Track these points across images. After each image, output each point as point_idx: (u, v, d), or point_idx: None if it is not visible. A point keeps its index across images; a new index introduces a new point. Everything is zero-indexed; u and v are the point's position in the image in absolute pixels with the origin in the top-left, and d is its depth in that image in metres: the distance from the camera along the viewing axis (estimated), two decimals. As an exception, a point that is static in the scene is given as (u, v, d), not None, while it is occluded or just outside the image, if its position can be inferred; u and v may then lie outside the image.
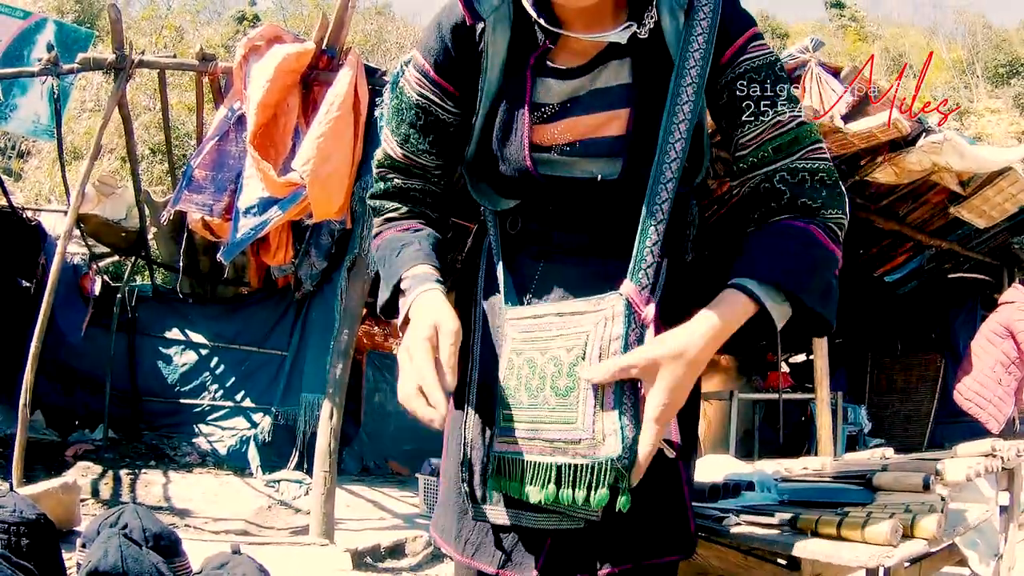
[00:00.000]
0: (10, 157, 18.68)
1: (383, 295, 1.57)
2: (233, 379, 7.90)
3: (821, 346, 6.29)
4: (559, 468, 1.29)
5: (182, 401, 7.94)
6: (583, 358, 1.29)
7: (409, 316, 1.44)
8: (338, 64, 5.11)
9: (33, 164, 18.59)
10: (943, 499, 2.02)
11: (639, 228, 1.39)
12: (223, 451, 7.35)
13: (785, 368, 10.90)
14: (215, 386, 7.91)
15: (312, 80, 5.32)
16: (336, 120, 4.61)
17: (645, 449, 1.23)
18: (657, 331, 1.38)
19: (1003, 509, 2.75)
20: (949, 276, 8.73)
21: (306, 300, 7.46)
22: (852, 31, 41.93)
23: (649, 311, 1.33)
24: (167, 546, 2.05)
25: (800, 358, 11.80)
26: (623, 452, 1.23)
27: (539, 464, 1.33)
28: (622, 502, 1.25)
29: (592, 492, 1.26)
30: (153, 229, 8.09)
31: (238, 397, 7.84)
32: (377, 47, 26.02)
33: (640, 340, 1.31)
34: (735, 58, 1.45)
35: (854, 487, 2.25)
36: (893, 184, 6.66)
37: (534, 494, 1.33)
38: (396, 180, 1.65)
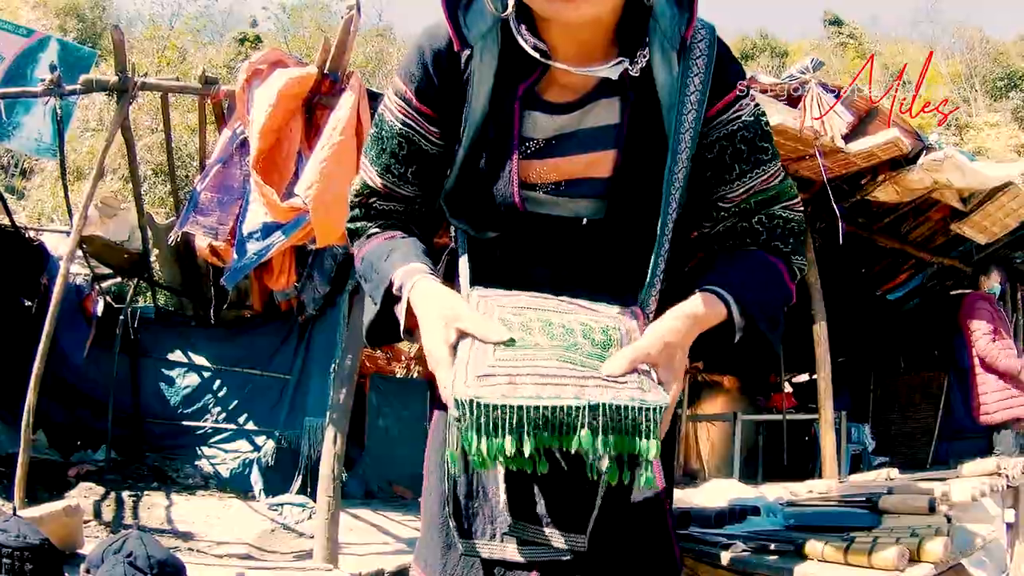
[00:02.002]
0: (13, 175, 18.71)
1: (369, 311, 1.54)
2: (236, 402, 7.89)
3: (824, 365, 6.27)
4: (594, 408, 1.11)
5: (185, 423, 7.93)
6: (611, 328, 1.27)
7: (413, 312, 1.38)
8: (340, 88, 5.11)
9: (36, 182, 18.64)
10: (949, 520, 2.02)
11: (647, 281, 1.41)
12: (226, 474, 7.33)
13: (788, 389, 10.89)
14: (218, 408, 7.90)
15: (315, 104, 5.32)
16: (339, 144, 4.61)
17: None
18: None
19: (1009, 526, 2.75)
20: (951, 293, 8.72)
21: (309, 324, 7.47)
22: (851, 48, 42.04)
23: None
24: (171, 574, 2.04)
25: (803, 378, 11.78)
26: (665, 405, 1.15)
27: (560, 408, 1.12)
28: (647, 478, 1.16)
29: (639, 439, 1.12)
30: (156, 251, 8.11)
31: (241, 420, 7.82)
32: (378, 69, 26.10)
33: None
34: (727, 109, 1.46)
35: (860, 511, 2.24)
36: (895, 202, 6.67)
37: (542, 441, 1.12)
38: (376, 206, 1.61)
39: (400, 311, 1.43)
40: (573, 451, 1.12)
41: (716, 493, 2.67)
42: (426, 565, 1.64)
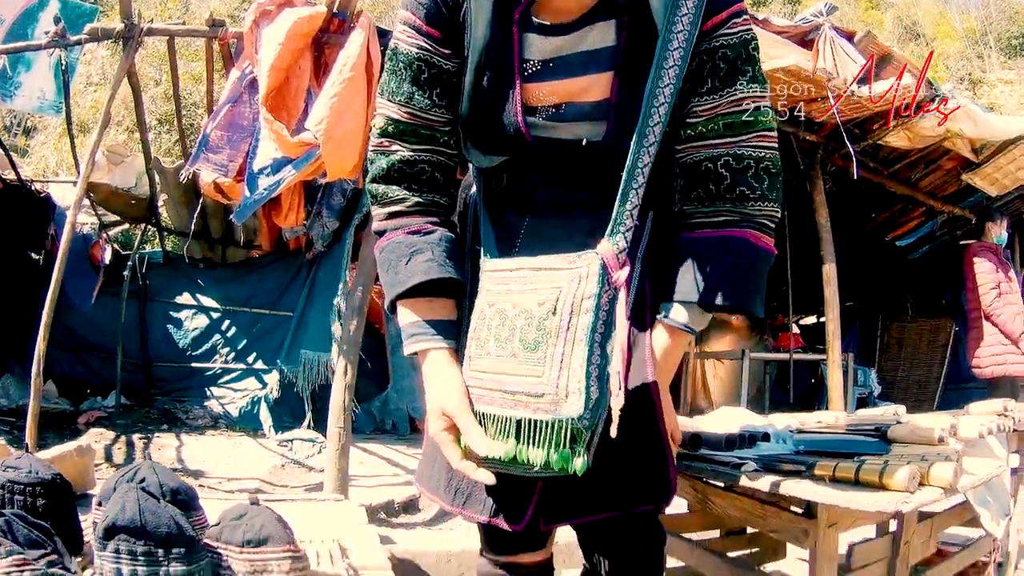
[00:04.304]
0: (15, 134, 18.52)
1: (389, 297, 1.56)
2: (244, 341, 7.90)
3: (832, 306, 6.29)
4: (519, 422, 1.31)
5: (193, 365, 7.95)
6: (553, 313, 1.29)
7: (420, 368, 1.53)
8: (349, 27, 5.06)
9: (39, 140, 18.49)
10: (957, 452, 2.03)
11: (619, 191, 1.40)
12: (235, 413, 7.36)
13: (796, 330, 10.92)
14: (227, 349, 7.92)
15: (324, 43, 5.28)
16: (349, 81, 4.59)
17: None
18: (635, 289, 1.50)
19: (1014, 471, 2.76)
20: (961, 243, 8.70)
21: (316, 260, 7.46)
22: (865, -1, 41.45)
23: (622, 274, 1.34)
24: (184, 500, 2.05)
25: (811, 320, 11.81)
26: (585, 412, 1.25)
27: (499, 417, 1.34)
28: (579, 465, 1.28)
29: (552, 451, 1.28)
30: (163, 196, 8.09)
31: (250, 359, 7.84)
32: (386, 13, 25.75)
33: (612, 302, 1.33)
34: (716, 29, 1.46)
35: (869, 439, 2.26)
36: (906, 149, 6.63)
37: (496, 448, 1.33)
38: (401, 152, 1.57)
39: (407, 349, 1.54)
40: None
41: (725, 419, 2.69)
42: (430, 482, 1.67)
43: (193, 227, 7.18)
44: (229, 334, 7.99)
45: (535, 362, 1.29)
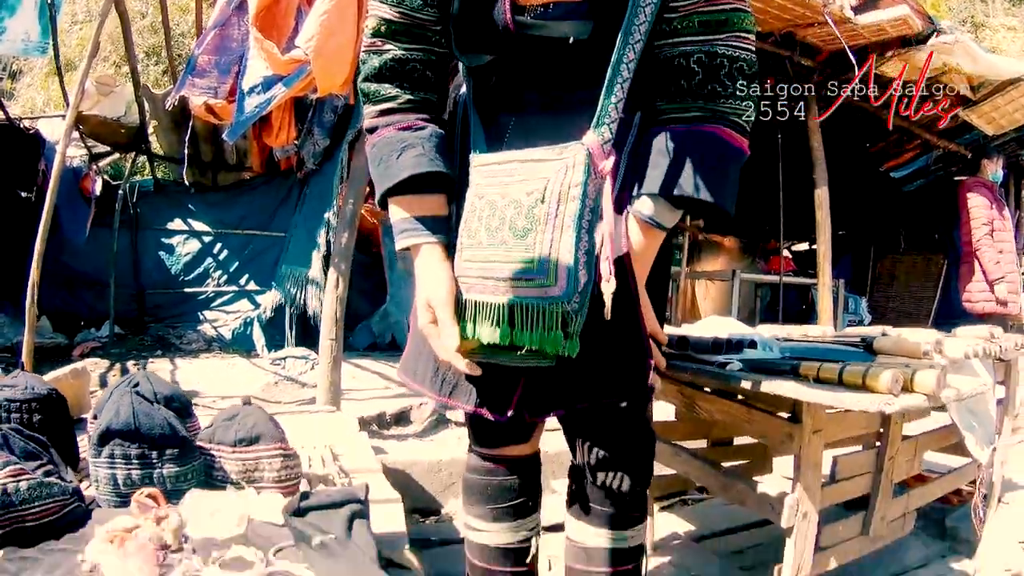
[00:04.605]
0: (1, 79, 18.24)
1: (380, 190, 1.57)
2: (236, 263, 7.93)
3: (824, 229, 6.29)
4: (511, 308, 1.34)
5: (186, 290, 7.98)
6: (542, 201, 1.32)
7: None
8: (340, -58, 4.96)
9: (25, 83, 18.25)
10: (942, 366, 2.05)
11: (605, 85, 1.40)
12: (228, 335, 7.40)
13: (787, 254, 10.95)
14: (219, 272, 7.94)
15: (314, -41, 5.18)
16: (340, -3, 4.51)
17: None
18: (620, 183, 1.52)
19: (999, 402, 2.79)
20: (956, 179, 8.68)
21: (307, 179, 7.41)
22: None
23: (607, 164, 1.36)
24: (179, 408, 2.07)
25: (803, 247, 11.82)
26: (573, 295, 1.30)
27: (491, 304, 1.37)
28: (568, 346, 1.33)
29: (544, 334, 1.32)
30: (153, 123, 8.02)
31: (242, 281, 7.87)
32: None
33: (598, 191, 1.35)
34: None
35: (855, 349, 2.28)
36: (905, 81, 6.56)
37: (487, 334, 1.37)
38: (393, 51, 1.58)
39: (398, 244, 1.57)
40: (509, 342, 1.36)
41: (713, 326, 2.71)
42: (415, 373, 1.70)
43: (186, 151, 7.11)
44: (221, 257, 7.99)
45: (525, 248, 1.32)
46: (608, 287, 1.33)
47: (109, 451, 1.86)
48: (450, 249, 1.50)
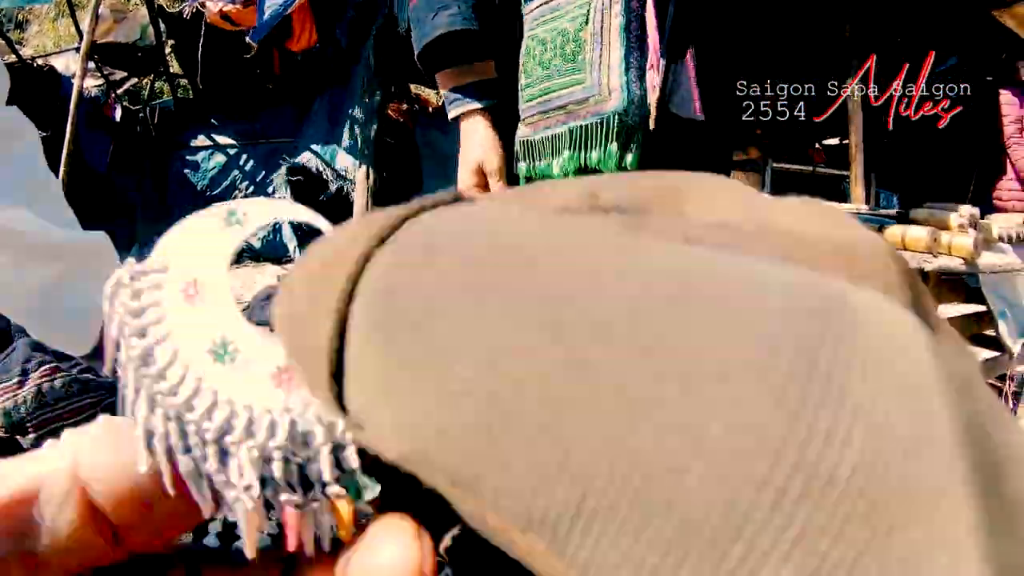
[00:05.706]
0: (8, 30, 18.18)
1: (416, 49, 1.56)
2: (263, 172, 7.88)
3: (856, 123, 6.18)
4: (570, 132, 1.36)
5: (214, 205, 7.93)
6: (587, 23, 1.33)
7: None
8: None
9: (33, 31, 18.20)
10: (978, 235, 2.02)
11: None
12: (258, 244, 7.41)
13: (818, 147, 10.82)
14: (245, 183, 7.90)
15: None
16: None
17: None
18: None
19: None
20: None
21: (331, 80, 7.31)
22: None
23: None
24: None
25: (834, 140, 11.62)
26: (629, 106, 1.31)
27: (548, 137, 1.40)
28: (630, 159, 1.33)
29: (604, 150, 1.33)
30: (170, 42, 7.93)
31: (269, 190, 7.84)
32: None
33: (642, 7, 1.33)
34: None
35: (890, 220, 2.26)
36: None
37: (556, 166, 1.39)
38: None
39: (451, 112, 1.57)
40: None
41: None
42: None
43: (203, 69, 7.03)
44: (247, 167, 7.97)
45: (575, 70, 1.34)
46: (654, 96, 1.32)
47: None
48: (500, 110, 1.52)
